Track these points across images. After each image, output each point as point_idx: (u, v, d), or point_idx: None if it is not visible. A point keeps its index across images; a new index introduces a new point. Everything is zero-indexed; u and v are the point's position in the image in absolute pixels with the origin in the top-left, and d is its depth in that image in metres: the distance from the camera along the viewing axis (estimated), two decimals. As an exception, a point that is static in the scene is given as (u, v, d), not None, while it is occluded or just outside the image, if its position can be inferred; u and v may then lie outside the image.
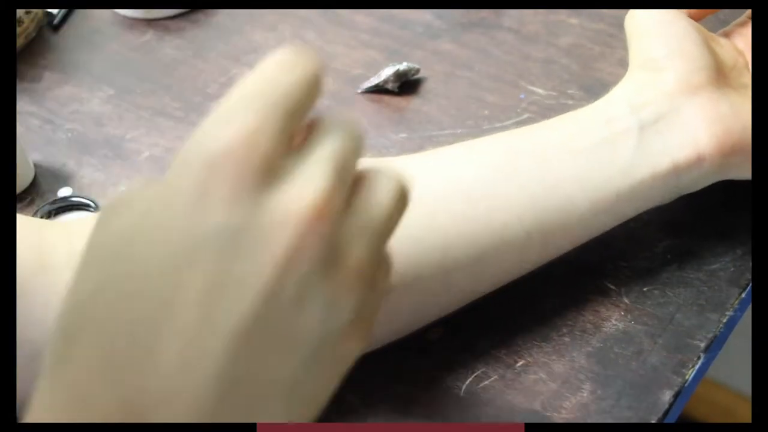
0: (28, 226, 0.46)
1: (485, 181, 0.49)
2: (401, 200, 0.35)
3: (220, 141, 0.30)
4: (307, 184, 0.31)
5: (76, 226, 0.47)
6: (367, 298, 0.34)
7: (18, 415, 0.41)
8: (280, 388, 0.32)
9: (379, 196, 0.34)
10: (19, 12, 0.70)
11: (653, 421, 0.47)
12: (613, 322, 0.51)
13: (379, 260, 0.35)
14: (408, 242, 0.47)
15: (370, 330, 0.35)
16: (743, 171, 0.51)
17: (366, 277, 0.34)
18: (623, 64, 0.54)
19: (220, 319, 0.30)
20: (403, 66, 0.66)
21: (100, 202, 0.60)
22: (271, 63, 0.33)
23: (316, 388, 0.33)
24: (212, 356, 0.30)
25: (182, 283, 0.30)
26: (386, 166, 0.36)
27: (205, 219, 0.30)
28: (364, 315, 0.34)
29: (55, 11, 0.75)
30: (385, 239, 0.35)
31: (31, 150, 0.64)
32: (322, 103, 0.70)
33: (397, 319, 0.48)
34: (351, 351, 0.34)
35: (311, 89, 0.34)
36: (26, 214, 0.59)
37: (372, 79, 0.66)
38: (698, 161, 0.50)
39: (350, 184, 0.34)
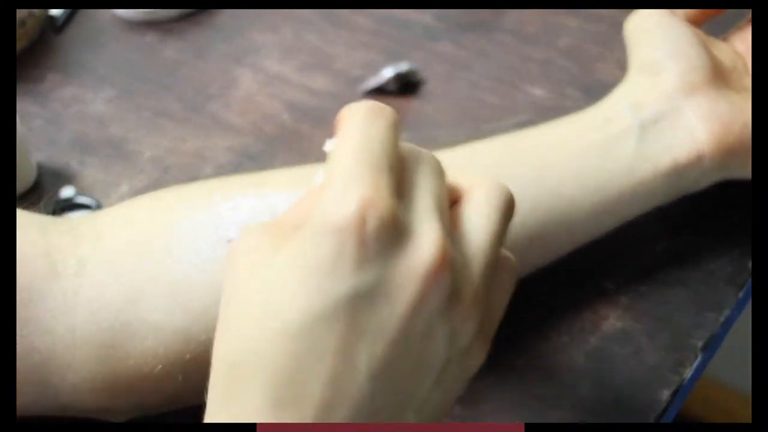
0: (32, 225, 0.46)
1: None
2: (503, 209, 0.37)
3: (345, 210, 0.33)
4: (424, 241, 0.34)
5: (80, 228, 0.47)
6: (485, 316, 0.37)
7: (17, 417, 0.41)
8: (414, 406, 0.35)
9: (480, 218, 0.37)
10: (22, 13, 0.71)
11: (651, 420, 0.47)
12: (612, 321, 0.52)
13: (493, 275, 0.37)
14: None
15: (489, 343, 0.38)
16: (743, 170, 0.51)
17: (482, 300, 0.36)
18: (622, 65, 0.55)
19: (357, 366, 0.33)
20: (403, 67, 0.66)
21: (103, 202, 0.61)
22: (356, 118, 0.36)
23: (444, 400, 0.37)
24: (352, 399, 0.34)
25: (321, 339, 0.33)
26: (481, 178, 0.38)
27: (340, 282, 0.33)
28: (483, 331, 0.37)
29: (57, 13, 0.75)
30: (494, 254, 0.37)
31: (34, 150, 0.64)
32: (323, 104, 0.71)
33: None
34: (473, 365, 0.37)
35: (396, 132, 0.37)
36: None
37: (372, 80, 0.67)
38: (698, 159, 0.50)
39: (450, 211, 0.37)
